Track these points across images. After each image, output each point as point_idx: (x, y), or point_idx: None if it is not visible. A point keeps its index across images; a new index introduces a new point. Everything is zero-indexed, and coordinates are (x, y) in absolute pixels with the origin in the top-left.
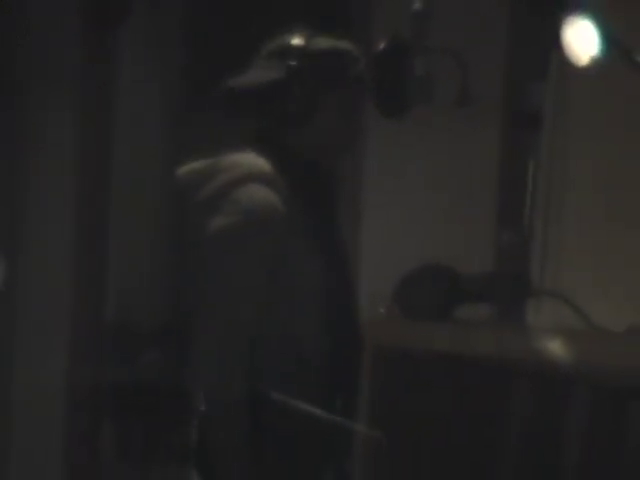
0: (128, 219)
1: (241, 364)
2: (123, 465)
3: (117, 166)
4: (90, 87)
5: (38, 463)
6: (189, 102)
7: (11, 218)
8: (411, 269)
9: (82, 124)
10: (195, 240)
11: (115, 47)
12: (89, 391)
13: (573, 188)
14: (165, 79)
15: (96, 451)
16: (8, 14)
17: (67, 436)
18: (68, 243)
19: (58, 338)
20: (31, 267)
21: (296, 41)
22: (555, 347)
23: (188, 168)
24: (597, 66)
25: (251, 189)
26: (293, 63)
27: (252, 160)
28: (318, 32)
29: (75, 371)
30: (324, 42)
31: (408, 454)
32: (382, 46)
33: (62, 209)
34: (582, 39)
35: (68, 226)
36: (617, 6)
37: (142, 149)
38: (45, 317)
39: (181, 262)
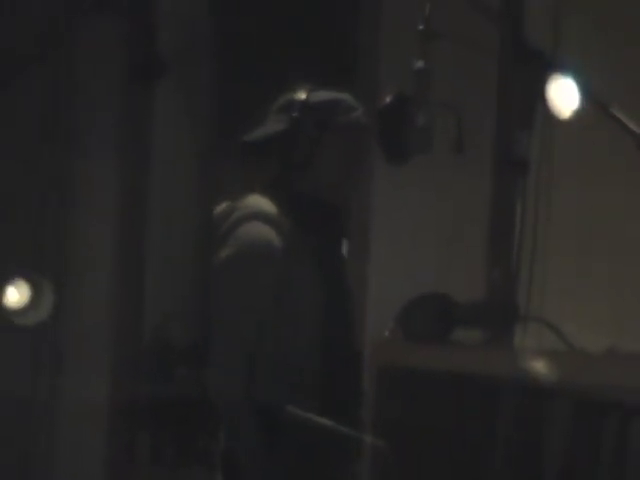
0: (163, 251)
1: (244, 370)
2: (157, 469)
3: (153, 205)
4: (130, 135)
5: (82, 468)
6: (217, 150)
7: (60, 251)
8: (412, 297)
9: (123, 169)
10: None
11: (153, 100)
12: (129, 402)
13: (557, 227)
14: (195, 130)
15: (134, 456)
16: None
17: (109, 443)
18: (110, 274)
19: (102, 356)
20: (78, 295)
21: (299, 95)
22: (540, 367)
23: (218, 208)
24: (579, 118)
25: (250, 226)
26: (295, 114)
27: (257, 201)
28: (320, 86)
29: (116, 385)
30: (323, 94)
31: (410, 463)
32: (387, 100)
33: (105, 244)
34: (564, 95)
35: (110, 258)
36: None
37: (175, 191)
38: (90, 338)
39: (206, 287)
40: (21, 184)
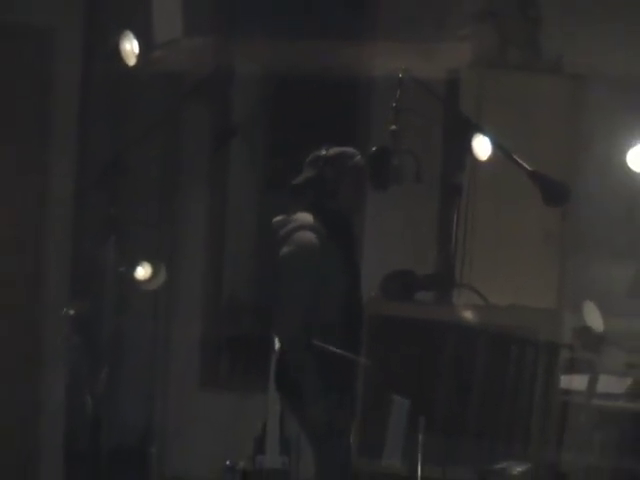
0: (238, 244)
1: (297, 321)
2: (234, 381)
3: (231, 215)
4: (215, 175)
5: (186, 383)
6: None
7: (171, 244)
8: (389, 271)
9: (211, 195)
10: (277, 258)
11: (228, 154)
12: (215, 339)
13: (479, 228)
14: (254, 171)
15: (219, 374)
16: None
17: (203, 364)
18: (203, 258)
19: (197, 310)
20: (183, 272)
21: (320, 152)
22: (468, 315)
23: (277, 219)
24: (492, 161)
25: (302, 233)
26: (320, 164)
27: (304, 217)
28: (335, 144)
29: (207, 328)
30: (336, 149)
31: (394, 382)
32: (374, 149)
33: (200, 240)
34: (483, 147)
35: (203, 249)
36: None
37: (245, 206)
38: (190, 299)
39: (269, 269)
40: (151, 207)
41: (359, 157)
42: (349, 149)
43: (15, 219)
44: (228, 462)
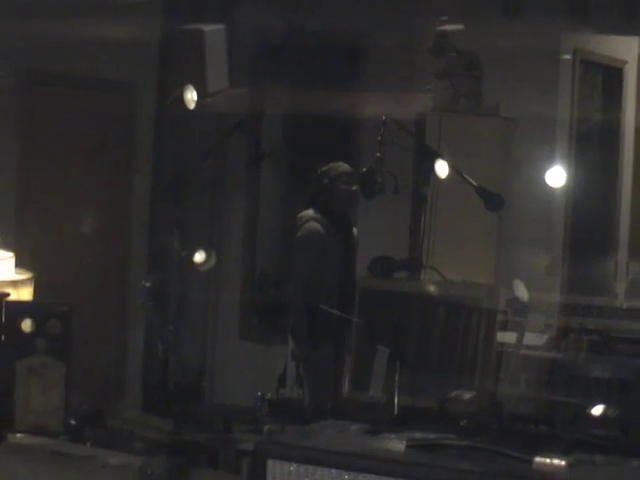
0: (266, 234)
1: (302, 287)
2: (262, 333)
3: (263, 213)
4: (250, 189)
5: (229, 333)
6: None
7: (217, 236)
8: (375, 256)
9: (247, 202)
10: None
11: (260, 173)
12: (248, 304)
13: (440, 227)
14: (279, 183)
15: (251, 326)
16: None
17: (240, 322)
18: (241, 247)
19: (236, 287)
20: (225, 256)
21: (322, 168)
22: (431, 289)
23: (298, 215)
24: (448, 177)
25: (310, 223)
26: (320, 175)
27: (311, 212)
28: (336, 160)
29: (243, 295)
30: (331, 164)
31: (378, 336)
32: (364, 170)
33: (238, 233)
34: (442, 167)
35: (241, 239)
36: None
37: (272, 208)
38: (230, 277)
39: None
40: (205, 210)
41: (346, 167)
42: (339, 163)
43: (110, 219)
44: (259, 393)
